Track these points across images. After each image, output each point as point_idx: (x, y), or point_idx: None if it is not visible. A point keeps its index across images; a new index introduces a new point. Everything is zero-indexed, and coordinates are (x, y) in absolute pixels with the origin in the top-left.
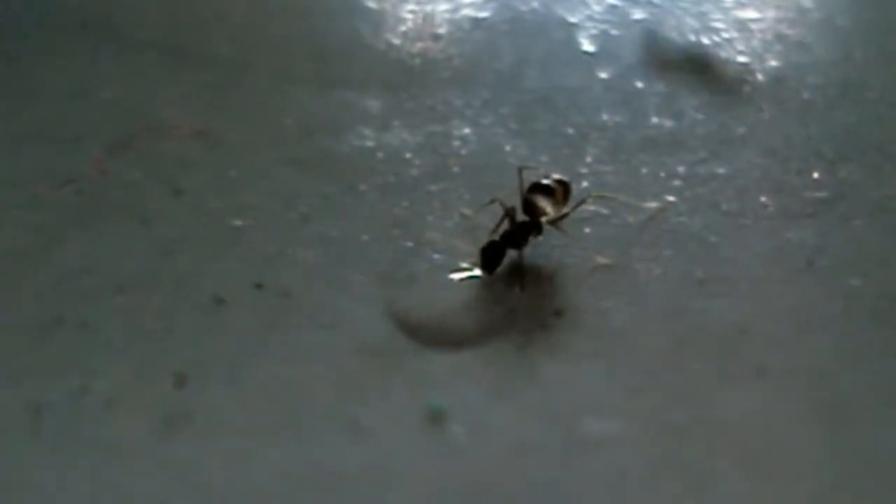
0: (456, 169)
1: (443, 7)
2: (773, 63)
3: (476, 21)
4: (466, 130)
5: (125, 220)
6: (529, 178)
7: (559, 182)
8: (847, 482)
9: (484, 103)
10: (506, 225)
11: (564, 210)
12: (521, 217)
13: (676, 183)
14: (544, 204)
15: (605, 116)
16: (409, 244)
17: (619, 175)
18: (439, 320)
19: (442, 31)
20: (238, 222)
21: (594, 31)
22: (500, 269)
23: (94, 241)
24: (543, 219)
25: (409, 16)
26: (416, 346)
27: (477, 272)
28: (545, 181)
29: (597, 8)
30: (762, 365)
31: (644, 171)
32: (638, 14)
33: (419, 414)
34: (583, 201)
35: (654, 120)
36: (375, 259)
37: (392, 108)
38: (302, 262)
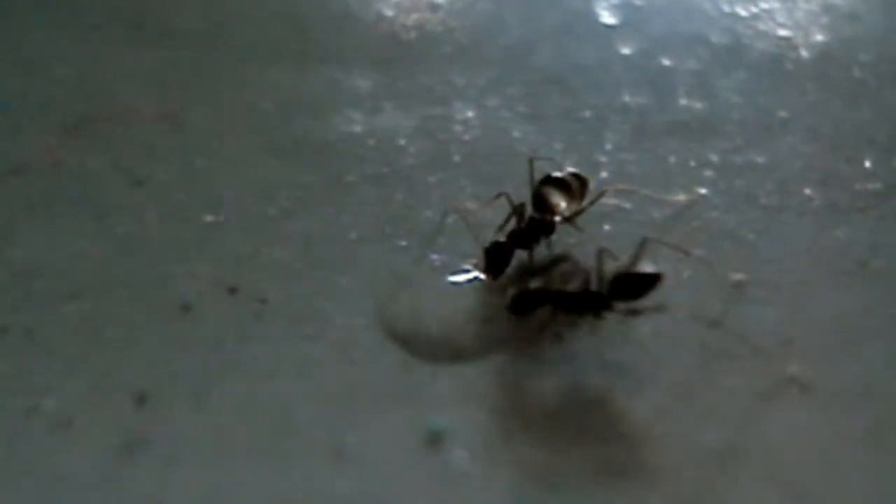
0: (457, 157)
1: None
2: (820, 37)
3: None
4: (469, 114)
5: (79, 214)
6: (542, 169)
7: (575, 176)
8: None
9: (489, 83)
10: (514, 223)
11: (581, 206)
12: (531, 214)
13: (708, 173)
14: (558, 200)
15: (626, 98)
16: (404, 243)
17: (642, 164)
18: (438, 330)
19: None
20: (208, 218)
21: (615, 1)
22: (506, 272)
23: (43, 240)
24: (556, 217)
25: None
26: (412, 359)
27: (481, 275)
28: (559, 174)
29: None
30: (807, 381)
31: (672, 159)
32: None
33: (415, 436)
34: (601, 195)
35: (683, 102)
36: (365, 260)
37: (384, 89)
38: (281, 264)
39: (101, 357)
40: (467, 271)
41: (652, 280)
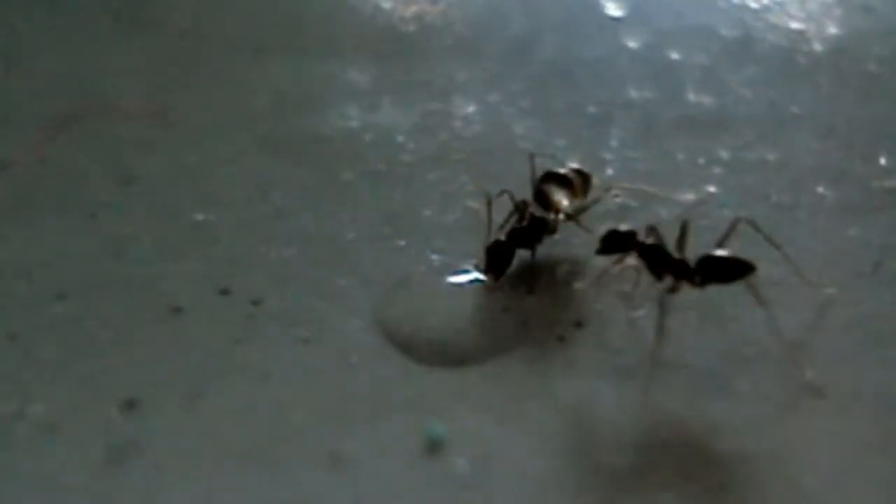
0: (457, 155)
1: None
2: (833, 30)
3: None
4: (470, 109)
5: (66, 213)
6: (544, 166)
7: (577, 172)
8: None
9: (491, 77)
10: (515, 221)
11: (584, 203)
12: (532, 212)
13: (718, 171)
14: (559, 196)
15: (633, 93)
16: (402, 243)
17: (649, 161)
18: (437, 332)
19: None
20: (199, 217)
21: None
22: (509, 272)
23: (29, 239)
24: (559, 214)
25: None
26: (411, 363)
27: (482, 276)
28: (561, 170)
29: None
30: (821, 386)
31: (679, 156)
32: None
33: (414, 443)
34: (605, 192)
35: (692, 97)
36: (362, 260)
37: (382, 83)
38: (275, 264)
39: (89, 360)
40: (468, 272)
41: (745, 268)
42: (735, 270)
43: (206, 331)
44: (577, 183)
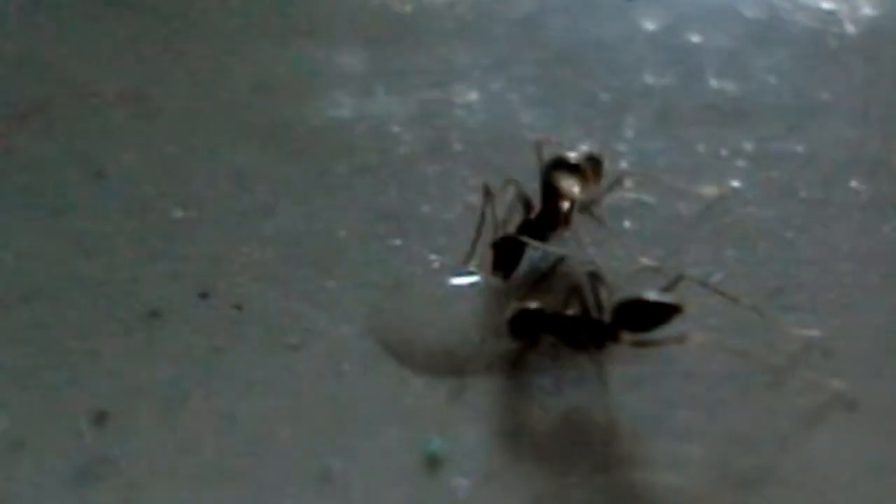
0: (458, 146)
1: None
2: (867, 10)
3: None
4: (472, 97)
5: (33, 209)
6: (551, 153)
7: (588, 157)
8: None
9: (494, 62)
10: (525, 215)
11: (597, 193)
12: (543, 203)
13: (742, 163)
14: (569, 185)
15: (650, 79)
16: (398, 242)
17: (668, 153)
18: (436, 339)
19: None
20: (178, 214)
21: None
22: (515, 273)
23: None
24: (568, 205)
25: None
26: (407, 372)
27: (486, 276)
28: (569, 156)
29: None
30: (852, 397)
31: (700, 148)
32: None
33: (410, 459)
34: (619, 180)
35: (714, 83)
36: (354, 261)
37: (376, 69)
38: (259, 265)
39: (57, 370)
40: (471, 273)
41: (667, 311)
42: (657, 315)
43: (185, 337)
44: (588, 169)
